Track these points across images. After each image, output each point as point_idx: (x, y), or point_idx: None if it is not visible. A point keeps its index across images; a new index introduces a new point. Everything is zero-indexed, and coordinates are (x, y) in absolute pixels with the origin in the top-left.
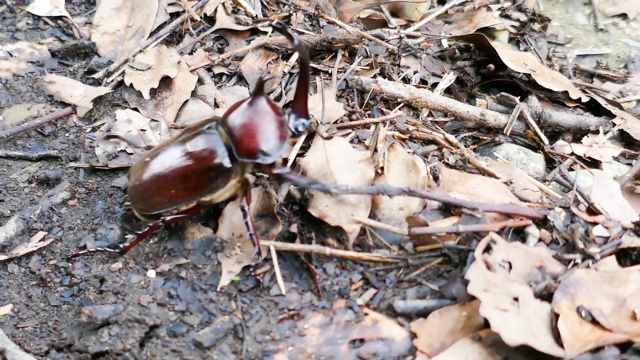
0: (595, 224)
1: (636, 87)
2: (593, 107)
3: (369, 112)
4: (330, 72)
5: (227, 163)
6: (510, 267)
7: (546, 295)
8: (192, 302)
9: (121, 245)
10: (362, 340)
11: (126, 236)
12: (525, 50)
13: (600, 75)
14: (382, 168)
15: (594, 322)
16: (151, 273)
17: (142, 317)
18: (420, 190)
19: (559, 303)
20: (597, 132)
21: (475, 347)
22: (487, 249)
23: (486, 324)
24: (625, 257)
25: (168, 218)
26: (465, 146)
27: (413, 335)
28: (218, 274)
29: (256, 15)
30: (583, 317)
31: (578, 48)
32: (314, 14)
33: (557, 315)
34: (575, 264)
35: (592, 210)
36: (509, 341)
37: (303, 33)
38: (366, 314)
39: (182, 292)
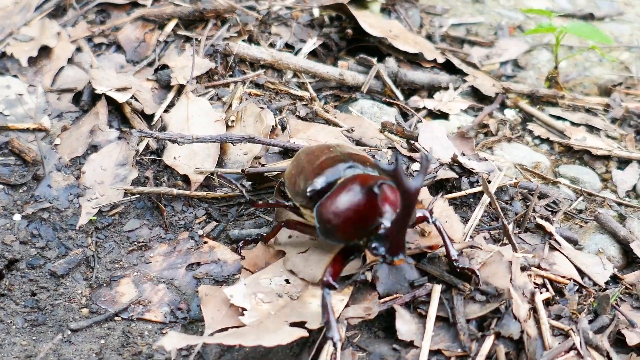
0: (415, 160)
1: (501, 50)
2: (449, 67)
3: (231, 73)
4: (200, 39)
5: (309, 192)
6: None
7: None
8: (52, 239)
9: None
10: (198, 264)
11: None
12: (397, 19)
13: (470, 41)
14: (232, 121)
15: None
16: (17, 217)
17: (3, 252)
18: (260, 137)
19: None
20: (448, 88)
21: None
22: None
23: None
24: (442, 188)
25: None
26: (326, 103)
27: (242, 257)
28: (79, 215)
29: None
30: None
31: (454, 18)
32: None
33: None
34: None
35: (413, 149)
36: (310, 279)
37: (179, 5)
38: (205, 242)
39: (43, 232)
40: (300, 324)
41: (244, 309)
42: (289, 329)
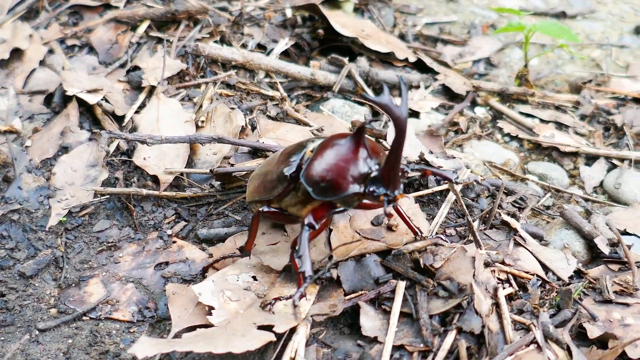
0: None
1: (474, 49)
2: (421, 66)
3: (203, 74)
4: (172, 40)
5: (287, 172)
6: None
7: None
8: (22, 240)
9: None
10: (167, 263)
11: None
12: (370, 18)
13: (443, 40)
14: (202, 121)
15: (362, 235)
16: None
17: None
18: (229, 137)
19: (337, 223)
20: (419, 87)
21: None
22: None
23: None
24: (410, 186)
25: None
26: (298, 103)
27: (210, 256)
28: (48, 217)
29: None
30: (355, 231)
31: (427, 17)
32: None
33: (331, 230)
34: None
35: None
36: (275, 267)
37: (152, 7)
38: (174, 242)
39: (13, 233)
40: (268, 327)
41: (211, 308)
42: (256, 333)
